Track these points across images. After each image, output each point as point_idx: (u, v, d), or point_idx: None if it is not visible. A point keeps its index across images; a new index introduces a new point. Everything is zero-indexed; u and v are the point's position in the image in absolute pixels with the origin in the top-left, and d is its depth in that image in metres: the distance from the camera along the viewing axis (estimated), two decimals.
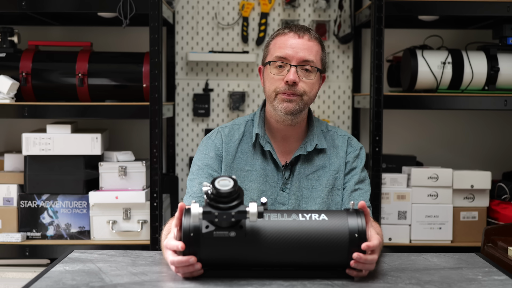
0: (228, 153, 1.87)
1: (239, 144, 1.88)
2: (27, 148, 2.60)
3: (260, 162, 1.86)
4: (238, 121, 1.95)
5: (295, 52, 1.79)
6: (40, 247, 2.60)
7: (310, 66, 1.80)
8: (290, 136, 1.88)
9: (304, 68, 1.79)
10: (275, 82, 1.80)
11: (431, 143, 3.15)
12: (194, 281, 1.43)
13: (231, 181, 1.39)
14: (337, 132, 1.93)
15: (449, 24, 3.03)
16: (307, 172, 1.86)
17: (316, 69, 1.81)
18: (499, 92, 2.67)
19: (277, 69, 1.80)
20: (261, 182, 1.84)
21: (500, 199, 2.77)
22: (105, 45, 2.99)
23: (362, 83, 3.12)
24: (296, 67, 1.78)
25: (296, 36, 1.81)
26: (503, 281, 1.47)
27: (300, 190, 1.85)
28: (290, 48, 1.79)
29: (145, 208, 2.63)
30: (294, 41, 1.80)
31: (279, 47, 1.81)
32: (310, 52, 1.80)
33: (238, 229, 1.40)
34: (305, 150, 1.85)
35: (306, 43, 1.80)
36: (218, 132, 1.91)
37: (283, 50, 1.80)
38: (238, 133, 1.90)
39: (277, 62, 1.80)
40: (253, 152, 1.87)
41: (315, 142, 1.86)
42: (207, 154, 1.87)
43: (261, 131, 1.87)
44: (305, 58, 1.79)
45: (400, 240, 2.73)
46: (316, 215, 1.46)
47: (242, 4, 3.07)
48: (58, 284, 1.41)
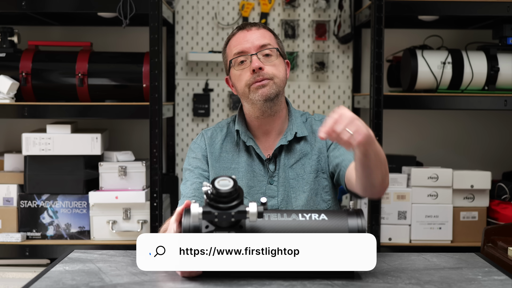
0: (212, 154, 1.90)
1: (222, 144, 1.92)
2: (27, 148, 2.60)
3: (245, 159, 1.88)
4: (221, 123, 1.98)
5: (250, 42, 1.83)
6: (40, 247, 2.60)
7: (269, 49, 1.83)
8: (271, 130, 1.89)
9: (264, 54, 1.82)
10: (243, 77, 1.83)
11: (431, 143, 3.15)
12: (194, 281, 1.43)
13: (231, 181, 1.39)
14: (314, 118, 1.95)
15: (449, 24, 3.03)
16: (291, 162, 1.87)
17: (276, 50, 1.84)
18: (499, 92, 2.67)
19: (240, 65, 1.84)
20: (248, 178, 1.86)
21: (500, 199, 2.77)
22: (105, 45, 3.00)
23: (362, 83, 3.12)
24: (256, 54, 1.82)
25: (244, 31, 1.86)
26: (503, 281, 1.47)
27: (287, 181, 1.86)
28: (243, 41, 1.84)
29: (145, 208, 2.63)
30: (243, 35, 1.85)
31: (234, 46, 1.86)
32: (263, 37, 1.84)
33: (238, 229, 1.40)
34: (286, 140, 1.87)
35: (256, 32, 1.85)
36: (202, 135, 1.95)
37: (238, 46, 1.84)
38: (221, 134, 1.94)
39: (238, 58, 1.83)
40: (237, 150, 1.90)
41: (294, 131, 1.88)
42: (195, 157, 1.91)
43: (242, 127, 1.90)
44: (260, 43, 1.83)
45: (400, 240, 2.73)
46: (316, 215, 1.46)
47: (242, 4, 3.07)
48: (58, 284, 1.41)
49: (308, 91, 3.12)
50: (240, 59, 1.83)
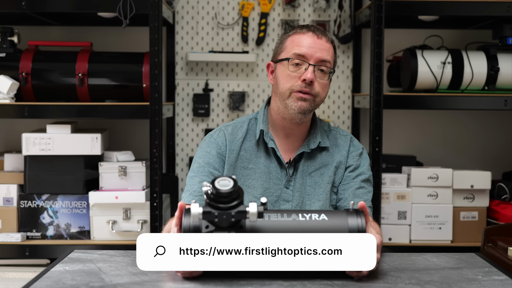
0: (231, 151, 1.87)
1: (242, 142, 1.89)
2: (27, 148, 2.60)
3: (263, 160, 1.87)
4: (241, 119, 1.95)
5: (314, 51, 1.80)
6: (40, 247, 2.60)
7: (326, 67, 1.82)
8: (294, 134, 1.89)
9: (320, 68, 1.81)
10: (291, 80, 1.80)
11: (431, 143, 3.15)
12: (194, 281, 1.43)
13: (231, 181, 1.39)
14: (339, 132, 1.96)
15: (449, 24, 3.03)
16: (310, 169, 1.87)
17: (330, 70, 1.83)
18: (499, 92, 2.67)
19: (294, 66, 1.81)
20: (264, 180, 1.85)
21: (500, 199, 2.77)
22: (105, 45, 3.00)
23: (362, 83, 3.12)
24: (314, 66, 1.79)
25: (315, 36, 1.82)
26: (503, 281, 1.47)
27: (304, 187, 1.86)
28: (308, 47, 1.80)
29: (145, 208, 2.63)
30: (312, 41, 1.81)
31: (297, 45, 1.82)
32: (327, 53, 1.82)
33: (238, 229, 1.40)
34: (309, 148, 1.87)
35: (324, 44, 1.82)
36: (221, 131, 1.91)
37: (302, 48, 1.80)
38: (241, 131, 1.90)
39: (295, 60, 1.80)
40: (256, 149, 1.88)
41: (318, 140, 1.88)
42: (209, 152, 1.87)
43: (266, 128, 1.88)
44: (323, 58, 1.80)
45: (400, 240, 2.73)
46: (316, 215, 1.46)
47: (242, 4, 3.07)
48: (58, 284, 1.41)
49: None
50: (296, 61, 1.81)
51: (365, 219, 1.46)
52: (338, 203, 1.88)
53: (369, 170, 1.92)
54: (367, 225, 1.45)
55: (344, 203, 1.87)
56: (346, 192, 1.87)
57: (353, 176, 1.89)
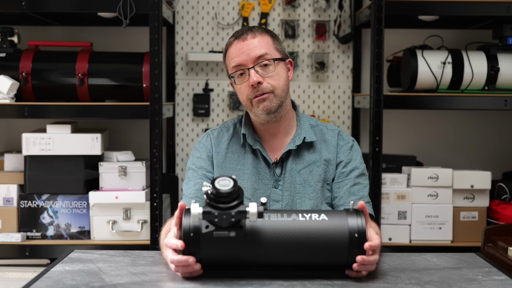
0: (218, 154, 1.90)
1: (229, 144, 1.91)
2: (27, 148, 2.60)
3: (251, 161, 1.88)
4: (227, 123, 1.98)
5: (245, 55, 1.81)
6: (40, 247, 2.60)
7: (266, 60, 1.81)
8: (279, 132, 1.89)
9: (262, 64, 1.81)
10: (244, 91, 1.83)
11: (431, 143, 3.15)
12: (194, 281, 1.43)
13: (231, 181, 1.39)
14: (326, 127, 1.94)
15: (449, 24, 3.03)
16: (298, 167, 1.87)
17: (273, 60, 1.82)
18: (499, 92, 2.67)
19: (239, 78, 1.83)
20: (253, 181, 1.86)
21: (500, 199, 2.77)
22: (105, 45, 3.00)
23: (362, 83, 3.12)
24: (253, 67, 1.80)
25: (240, 41, 1.83)
26: (503, 281, 1.47)
27: (293, 186, 1.85)
28: (239, 54, 1.82)
29: (145, 208, 2.63)
30: (239, 46, 1.83)
31: (231, 58, 1.84)
32: (259, 47, 1.81)
33: (238, 229, 1.40)
34: (294, 145, 1.87)
35: (251, 42, 1.82)
36: (208, 135, 1.95)
37: (235, 59, 1.82)
38: (227, 134, 1.93)
39: (236, 72, 1.83)
40: (243, 151, 1.90)
41: (303, 135, 1.88)
42: (200, 157, 1.90)
43: (248, 131, 1.89)
44: (257, 54, 1.81)
45: (400, 240, 2.73)
46: (316, 215, 1.46)
47: (242, 4, 3.07)
48: (58, 284, 1.41)
49: (308, 91, 3.12)
50: (239, 73, 1.83)
51: (365, 219, 1.46)
52: (334, 201, 1.87)
53: (362, 163, 1.91)
54: (366, 225, 1.45)
55: (339, 201, 1.86)
56: (341, 190, 1.86)
57: (346, 173, 1.87)
